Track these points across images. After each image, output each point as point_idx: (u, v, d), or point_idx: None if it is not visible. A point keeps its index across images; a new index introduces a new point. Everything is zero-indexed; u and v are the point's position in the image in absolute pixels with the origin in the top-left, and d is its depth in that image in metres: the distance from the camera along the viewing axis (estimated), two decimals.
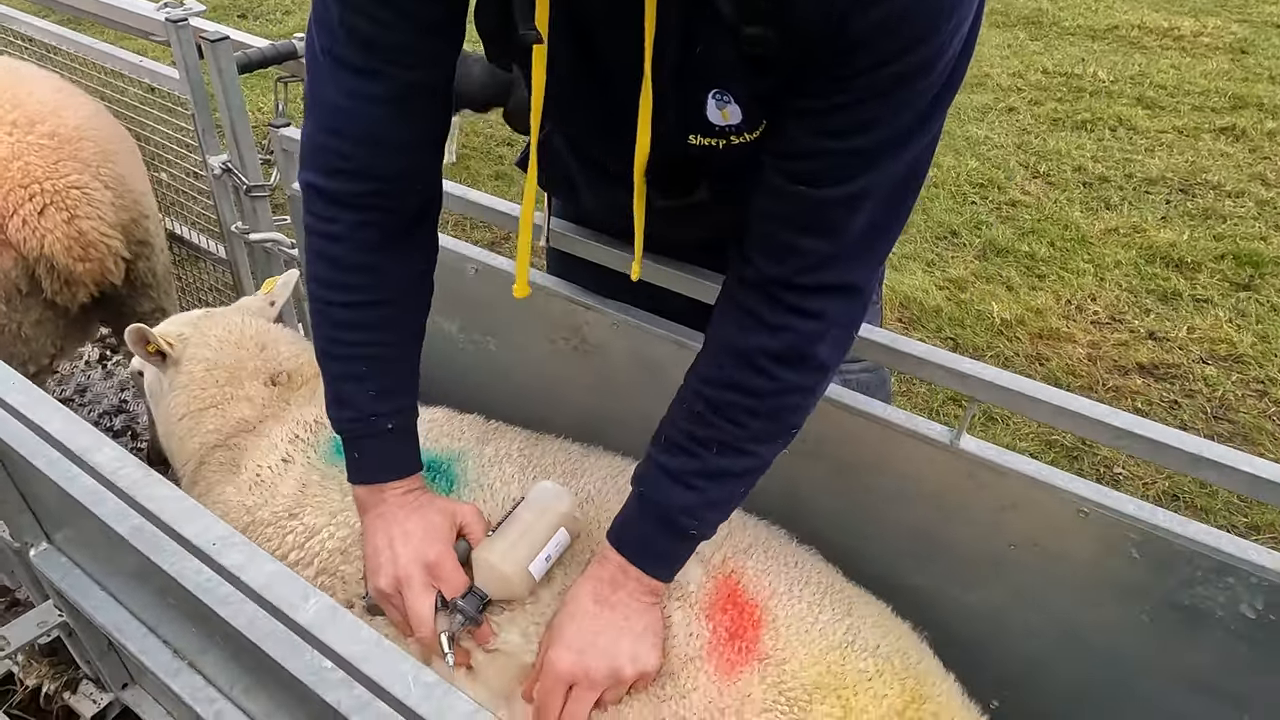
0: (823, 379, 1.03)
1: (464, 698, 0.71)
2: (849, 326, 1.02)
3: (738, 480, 1.06)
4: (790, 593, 1.13)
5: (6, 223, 1.66)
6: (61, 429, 1.00)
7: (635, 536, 1.07)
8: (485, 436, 1.41)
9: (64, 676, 1.91)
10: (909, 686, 1.06)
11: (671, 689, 1.05)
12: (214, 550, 0.85)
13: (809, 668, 1.04)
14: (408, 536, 1.13)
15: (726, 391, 1.02)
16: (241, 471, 1.44)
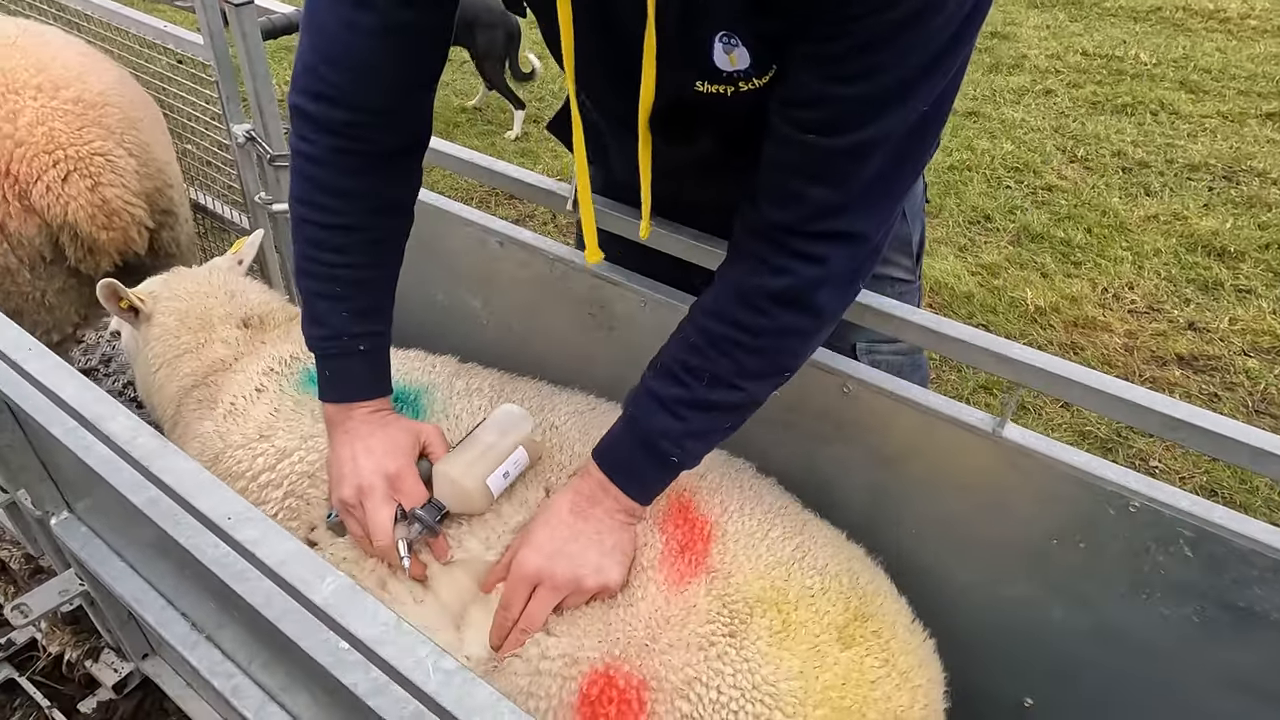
0: (820, 324, 1.03)
1: (484, 685, 0.68)
2: (853, 275, 1.01)
3: (724, 414, 1.06)
4: (741, 511, 1.14)
5: (30, 189, 1.64)
6: (75, 396, 0.98)
7: (617, 455, 1.09)
8: (458, 372, 1.43)
9: (86, 645, 1.92)
10: (853, 605, 1.07)
11: (622, 597, 1.07)
12: (229, 525, 0.82)
13: (753, 581, 1.06)
14: (370, 450, 1.16)
15: (723, 326, 1.02)
16: (218, 405, 1.46)
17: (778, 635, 1.02)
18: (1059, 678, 1.24)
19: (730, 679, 0.99)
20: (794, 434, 1.31)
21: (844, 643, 1.04)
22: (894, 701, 1.02)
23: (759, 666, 0.99)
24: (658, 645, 1.02)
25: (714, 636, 1.02)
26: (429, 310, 1.77)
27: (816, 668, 1.00)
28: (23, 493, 1.59)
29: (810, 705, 0.97)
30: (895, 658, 1.05)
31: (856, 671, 1.01)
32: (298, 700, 1.24)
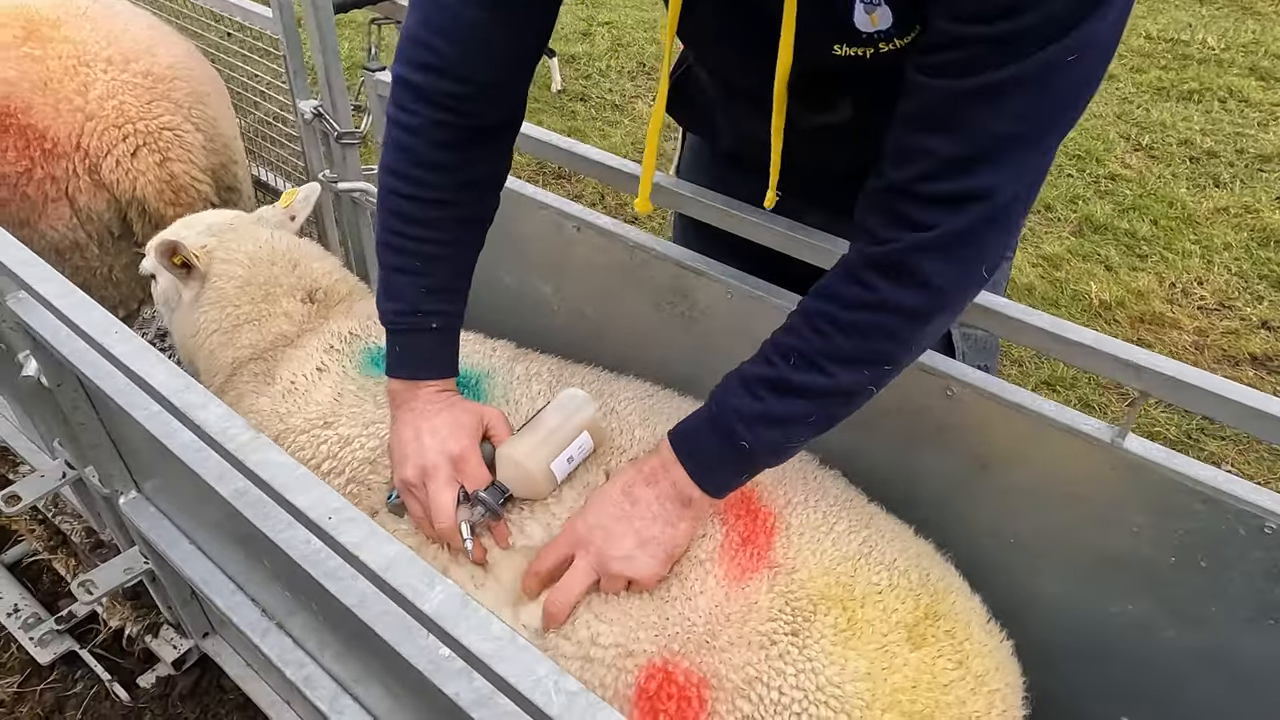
0: (930, 303, 0.91)
1: (610, 709, 0.64)
2: (971, 242, 0.89)
3: (805, 401, 0.96)
4: (806, 503, 1.10)
5: (100, 164, 1.62)
6: (165, 383, 0.95)
7: (687, 433, 1.04)
8: (516, 357, 1.41)
9: (145, 620, 1.92)
10: (923, 603, 1.02)
11: (678, 590, 1.04)
12: (329, 525, 0.79)
13: (818, 578, 1.02)
14: (435, 431, 1.14)
15: (820, 301, 0.96)
16: (275, 382, 1.44)
17: (843, 634, 0.98)
18: (1161, 699, 1.18)
19: (793, 679, 0.95)
20: (886, 434, 1.26)
21: (914, 643, 0.99)
22: (968, 707, 0.97)
23: (823, 667, 0.95)
24: (718, 643, 0.99)
25: (776, 635, 0.98)
26: (496, 294, 1.73)
27: (885, 669, 0.96)
28: (90, 470, 1.59)
29: (878, 709, 0.93)
30: (970, 660, 1.00)
31: (928, 674, 0.97)
32: (371, 692, 1.22)
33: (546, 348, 1.59)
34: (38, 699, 1.91)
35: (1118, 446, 1.05)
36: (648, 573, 1.03)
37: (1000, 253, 0.94)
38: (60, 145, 1.61)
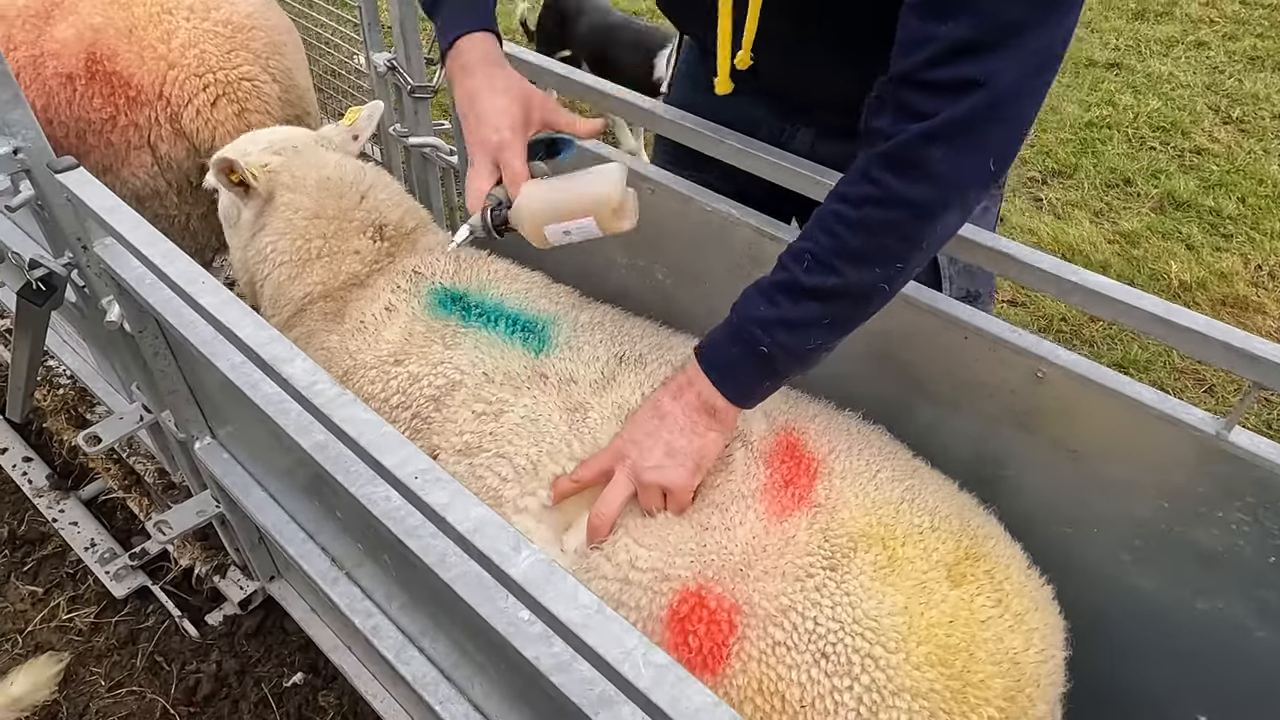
0: (935, 196, 0.91)
1: (701, 687, 0.63)
2: (975, 129, 0.89)
3: (818, 304, 0.98)
4: (850, 451, 1.11)
5: (181, 113, 1.64)
6: (252, 335, 0.95)
7: (713, 344, 1.06)
8: (580, 304, 1.43)
9: (214, 561, 1.99)
10: (964, 545, 1.02)
11: (717, 520, 1.06)
12: (416, 484, 0.79)
13: (859, 518, 1.03)
14: (480, 117, 1.18)
15: (830, 203, 0.98)
16: (345, 320, 1.45)
17: (882, 570, 0.98)
18: (1246, 702, 1.14)
19: (829, 611, 0.96)
20: (968, 414, 1.22)
21: (954, 581, 0.99)
22: (1006, 643, 0.96)
23: (860, 600, 0.96)
24: (753, 572, 1.01)
25: (813, 568, 0.99)
26: (562, 254, 1.71)
27: (922, 604, 0.96)
28: (167, 414, 1.63)
29: (914, 641, 0.93)
30: (1009, 599, 1.00)
31: (966, 610, 0.97)
32: (438, 646, 1.24)
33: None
34: (113, 630, 1.99)
35: (1223, 439, 1.00)
36: (678, 481, 1.06)
37: (1007, 148, 0.94)
38: (144, 93, 1.63)
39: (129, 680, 1.90)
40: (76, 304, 1.53)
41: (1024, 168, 3.83)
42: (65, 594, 2.05)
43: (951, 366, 1.20)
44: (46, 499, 2.18)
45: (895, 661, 0.91)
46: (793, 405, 1.18)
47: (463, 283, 1.43)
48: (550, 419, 1.22)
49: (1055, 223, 3.48)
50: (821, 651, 0.94)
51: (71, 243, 1.35)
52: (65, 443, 2.19)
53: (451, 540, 0.78)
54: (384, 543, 1.10)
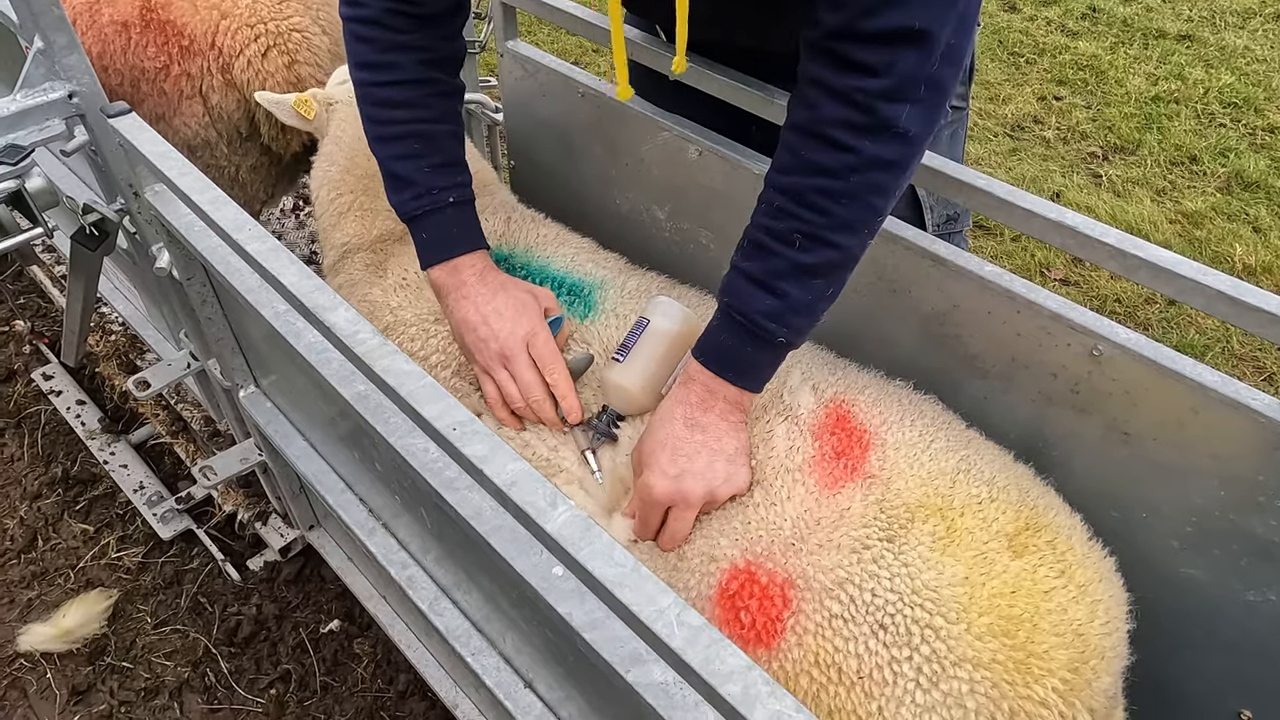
0: (907, 151, 0.93)
1: (735, 649, 0.63)
2: (932, 88, 0.90)
3: (822, 280, 0.99)
4: (902, 422, 1.09)
5: (233, 63, 1.64)
6: (296, 283, 0.96)
7: (721, 349, 1.04)
8: (628, 271, 1.41)
9: (256, 508, 2.03)
10: (1024, 515, 1.00)
11: (761, 496, 1.05)
12: (454, 436, 0.79)
13: (915, 489, 1.01)
14: (500, 314, 1.18)
15: (805, 176, 0.95)
16: (387, 275, 1.46)
17: (941, 541, 0.97)
18: None
19: (887, 583, 0.95)
20: (1017, 391, 1.19)
21: (1015, 551, 0.97)
22: (1070, 614, 0.94)
23: (919, 571, 0.94)
24: (805, 545, 1.00)
25: (869, 540, 0.98)
26: (606, 216, 1.70)
27: (983, 574, 0.94)
28: (213, 362, 1.65)
29: (975, 612, 0.92)
30: (1072, 570, 0.97)
31: (1029, 580, 0.95)
32: (470, 599, 1.25)
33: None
34: (159, 570, 2.05)
35: None
36: (746, 478, 1.06)
37: (956, 82, 0.94)
38: (196, 43, 1.64)
39: (173, 619, 1.96)
40: (128, 251, 1.56)
41: (1084, 143, 3.70)
42: (115, 533, 2.11)
43: (1002, 341, 1.16)
44: (98, 441, 2.25)
45: (956, 632, 0.90)
46: (842, 377, 1.15)
47: (510, 243, 1.42)
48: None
49: (1114, 200, 3.37)
50: (879, 623, 0.92)
51: (123, 189, 1.37)
52: (116, 388, 2.24)
53: (488, 494, 0.78)
54: (421, 495, 1.11)
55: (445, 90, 1.22)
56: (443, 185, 1.19)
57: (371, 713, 1.81)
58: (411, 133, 1.18)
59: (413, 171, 1.18)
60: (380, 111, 1.19)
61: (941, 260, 1.18)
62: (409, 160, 1.18)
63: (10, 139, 1.21)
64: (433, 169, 1.19)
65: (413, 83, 1.18)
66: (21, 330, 2.55)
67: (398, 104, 1.18)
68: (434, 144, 1.19)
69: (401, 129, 1.18)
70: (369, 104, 1.20)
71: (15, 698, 1.83)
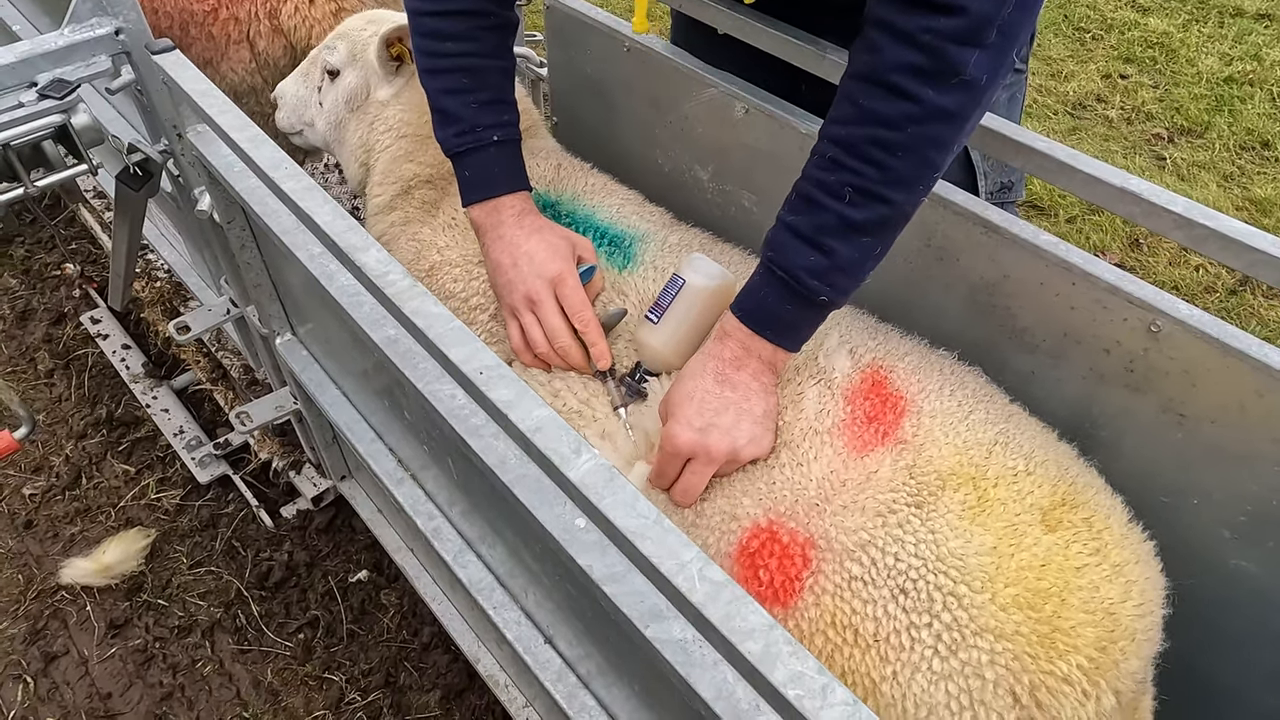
0: (973, 100, 0.88)
1: (757, 607, 0.61)
2: (1004, 34, 0.85)
3: (871, 238, 0.94)
4: (941, 392, 1.06)
5: (280, 8, 1.64)
6: (329, 223, 0.95)
7: (761, 306, 1.01)
8: (671, 226, 1.39)
9: (290, 457, 2.06)
10: (1060, 490, 0.97)
11: (786, 457, 1.03)
12: (480, 379, 0.77)
13: (949, 457, 0.98)
14: (531, 257, 1.17)
15: (861, 126, 0.90)
16: (439, 214, 1.45)
17: (971, 510, 0.94)
18: None
19: (911, 548, 0.93)
20: (1067, 366, 1.14)
21: (1048, 525, 0.94)
22: (1102, 592, 0.91)
23: (946, 539, 0.92)
24: (830, 506, 0.98)
25: (896, 504, 0.96)
26: (648, 175, 1.66)
27: (1013, 545, 0.92)
28: (252, 309, 1.66)
29: (1001, 583, 0.89)
30: (1108, 549, 0.94)
31: (1060, 555, 0.92)
32: (495, 552, 1.25)
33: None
34: (195, 512, 2.09)
35: None
36: (770, 442, 1.03)
37: (1026, 34, 0.88)
38: None
39: (208, 561, 2.00)
40: (171, 194, 1.57)
41: (1148, 123, 3.55)
42: (155, 475, 2.16)
43: (1054, 314, 1.12)
44: (141, 385, 2.29)
45: (980, 601, 0.88)
46: (882, 343, 1.12)
47: (557, 190, 1.40)
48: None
49: (1178, 184, 3.23)
50: (900, 587, 0.91)
51: (167, 129, 1.37)
52: (160, 333, 2.28)
53: (513, 440, 0.77)
54: (448, 443, 1.11)
55: (497, 23, 1.19)
56: (488, 123, 1.18)
57: (395, 662, 1.83)
58: (460, 66, 1.17)
59: (459, 107, 1.17)
60: (430, 43, 1.17)
61: (994, 227, 1.13)
62: (456, 95, 1.17)
63: (57, 74, 1.21)
64: (480, 105, 1.17)
65: (464, 14, 1.16)
66: (71, 274, 2.61)
67: (447, 36, 1.16)
68: (482, 79, 1.18)
69: (450, 62, 1.17)
70: (419, 34, 1.18)
71: (56, 627, 1.89)
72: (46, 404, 2.32)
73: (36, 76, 1.21)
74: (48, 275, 2.65)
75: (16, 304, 2.57)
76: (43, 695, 1.79)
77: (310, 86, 1.59)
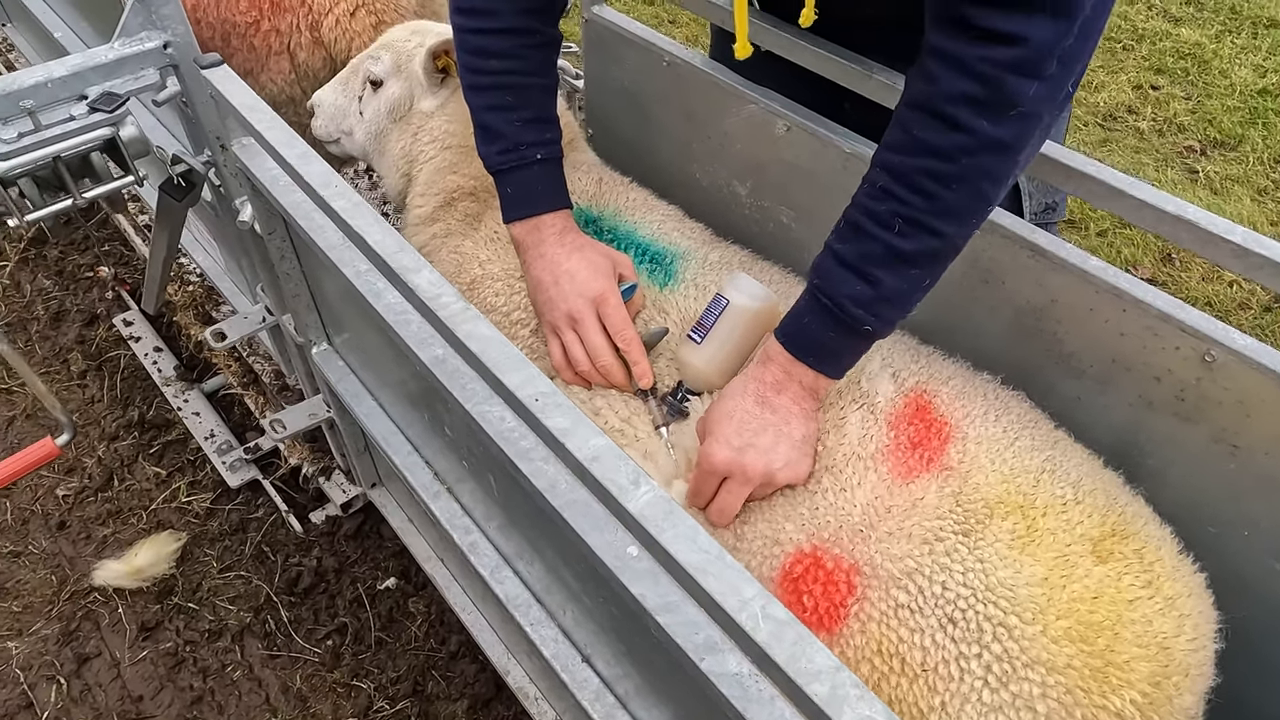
0: (1028, 133, 0.87)
1: (823, 648, 0.60)
2: (1064, 64, 0.83)
3: (919, 270, 0.93)
4: (986, 417, 1.05)
5: (321, 20, 1.65)
6: (380, 242, 0.95)
7: (805, 332, 1.00)
8: (711, 243, 1.38)
9: (320, 463, 2.07)
10: (1110, 521, 0.96)
11: (829, 482, 1.03)
12: (535, 406, 0.77)
13: (995, 485, 0.97)
14: (573, 276, 1.17)
15: (913, 156, 0.89)
16: (481, 227, 1.46)
17: (1020, 539, 0.93)
18: None
19: (959, 576, 0.92)
20: (1115, 393, 1.13)
21: (1099, 556, 0.93)
22: (1155, 626, 0.90)
23: (996, 568, 0.91)
24: (875, 533, 0.97)
25: (943, 532, 0.95)
26: (684, 190, 1.66)
27: (1064, 577, 0.91)
28: (288, 318, 1.67)
29: (1053, 614, 0.88)
30: (1160, 582, 0.93)
31: (1112, 588, 0.91)
32: (533, 569, 1.25)
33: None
34: (225, 516, 2.11)
35: None
36: (808, 468, 1.04)
37: (1084, 65, 0.87)
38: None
39: (238, 565, 2.02)
40: (211, 203, 1.58)
41: (1180, 136, 3.51)
42: (186, 478, 2.18)
43: (1103, 340, 1.10)
44: (173, 388, 2.31)
45: (1031, 633, 0.87)
46: (925, 366, 1.12)
47: (599, 205, 1.41)
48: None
49: (1211, 198, 3.20)
50: (949, 616, 0.90)
51: (210, 141, 1.38)
52: (192, 337, 2.30)
53: (568, 467, 0.77)
54: (493, 462, 1.10)
55: (542, 41, 1.20)
56: (531, 141, 1.19)
57: (423, 671, 1.83)
58: (504, 84, 1.18)
59: (502, 124, 1.18)
60: (474, 60, 1.18)
61: (1042, 251, 1.12)
62: (499, 112, 1.18)
63: (107, 87, 1.22)
64: (523, 123, 1.18)
65: (508, 31, 1.16)
66: (105, 276, 2.64)
67: (491, 53, 1.17)
68: (526, 97, 1.19)
69: (494, 79, 1.18)
70: (464, 51, 1.19)
71: (89, 629, 1.90)
72: (79, 405, 2.34)
73: (86, 89, 1.22)
74: (81, 277, 2.68)
75: (50, 305, 2.60)
76: (75, 696, 1.80)
77: (350, 95, 1.60)
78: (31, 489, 2.14)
